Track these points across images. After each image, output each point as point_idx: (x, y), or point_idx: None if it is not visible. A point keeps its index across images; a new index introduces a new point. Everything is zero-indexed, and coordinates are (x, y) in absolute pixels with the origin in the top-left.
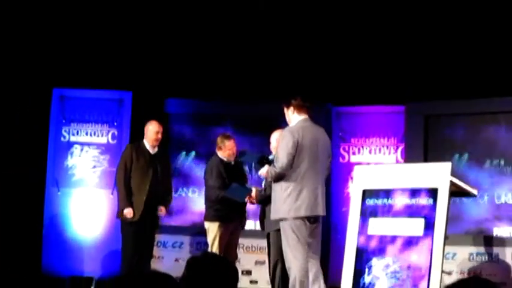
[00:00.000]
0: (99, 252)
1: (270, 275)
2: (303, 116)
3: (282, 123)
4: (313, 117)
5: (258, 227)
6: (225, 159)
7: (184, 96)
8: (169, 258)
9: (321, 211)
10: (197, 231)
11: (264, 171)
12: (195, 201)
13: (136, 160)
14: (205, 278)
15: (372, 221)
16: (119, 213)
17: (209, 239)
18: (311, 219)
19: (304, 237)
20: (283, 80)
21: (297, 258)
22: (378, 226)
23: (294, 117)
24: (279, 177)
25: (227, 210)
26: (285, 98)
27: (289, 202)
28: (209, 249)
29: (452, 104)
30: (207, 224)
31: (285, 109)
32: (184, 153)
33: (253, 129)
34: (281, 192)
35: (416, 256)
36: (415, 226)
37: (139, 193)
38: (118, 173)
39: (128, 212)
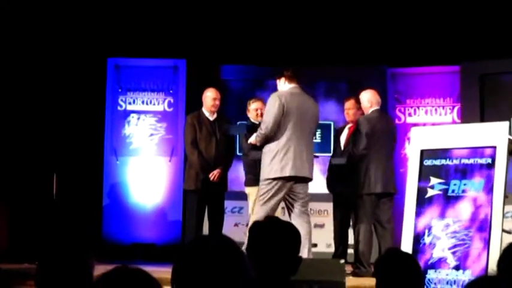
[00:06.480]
0: (158, 219)
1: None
2: (293, 85)
3: (339, 86)
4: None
5: (316, 190)
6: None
7: (238, 62)
8: (229, 223)
9: (307, 173)
10: None
11: (253, 138)
12: None
13: (199, 130)
14: (269, 242)
15: (431, 181)
16: (187, 183)
17: (250, 204)
18: (298, 180)
19: (280, 199)
20: (338, 44)
21: (258, 215)
22: (437, 187)
23: (284, 86)
24: (265, 140)
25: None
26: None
27: (274, 162)
28: (249, 213)
29: (508, 63)
30: (247, 190)
31: (277, 80)
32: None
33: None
34: (268, 154)
35: (476, 216)
36: (473, 186)
37: (205, 161)
38: (187, 146)
39: (215, 173)
